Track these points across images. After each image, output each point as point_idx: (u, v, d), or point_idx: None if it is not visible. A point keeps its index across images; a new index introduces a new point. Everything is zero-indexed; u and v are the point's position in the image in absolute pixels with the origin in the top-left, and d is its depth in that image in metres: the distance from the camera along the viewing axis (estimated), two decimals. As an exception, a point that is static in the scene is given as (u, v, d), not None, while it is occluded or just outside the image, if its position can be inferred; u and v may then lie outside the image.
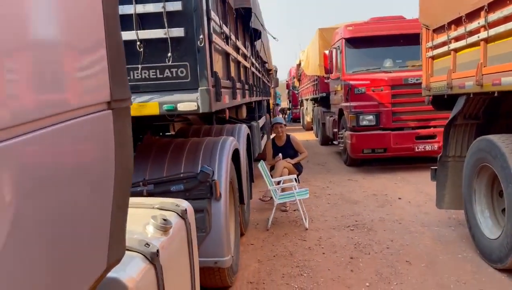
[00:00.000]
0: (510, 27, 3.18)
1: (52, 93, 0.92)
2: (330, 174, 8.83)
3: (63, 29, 0.97)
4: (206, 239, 3.08)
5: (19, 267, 0.75)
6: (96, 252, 1.07)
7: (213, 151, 3.37)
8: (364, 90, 8.94)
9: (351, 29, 9.73)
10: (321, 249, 4.55)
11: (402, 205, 6.11)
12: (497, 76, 3.44)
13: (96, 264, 1.07)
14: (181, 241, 2.13)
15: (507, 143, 3.58)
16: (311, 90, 16.45)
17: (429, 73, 5.11)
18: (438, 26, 4.67)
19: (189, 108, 2.63)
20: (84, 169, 1.02)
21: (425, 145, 8.36)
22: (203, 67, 2.62)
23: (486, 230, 4.01)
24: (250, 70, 6.08)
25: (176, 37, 2.60)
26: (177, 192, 3.07)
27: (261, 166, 5.49)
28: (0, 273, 0.69)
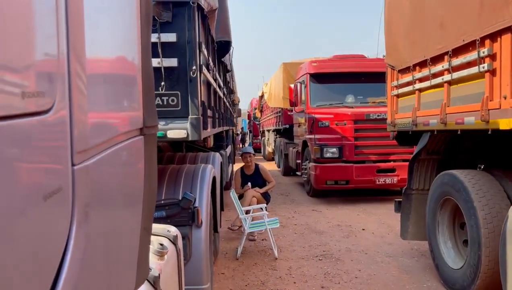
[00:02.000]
0: (472, 72, 3.49)
1: (102, 121, 0.96)
2: (295, 204, 8.96)
3: (111, 59, 1.03)
4: (187, 266, 3.06)
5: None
6: (128, 272, 1.09)
7: (194, 178, 3.40)
8: (328, 124, 9.26)
9: (315, 65, 10.14)
10: (292, 278, 4.60)
11: (366, 236, 6.29)
12: (460, 115, 3.73)
13: (127, 284, 1.09)
14: (173, 266, 2.14)
15: (469, 178, 3.85)
16: (273, 121, 16.76)
17: (394, 110, 5.41)
18: (403, 67, 5.00)
19: (179, 136, 2.68)
20: (122, 191, 1.07)
21: (385, 178, 8.71)
22: (193, 97, 2.69)
23: (449, 260, 4.22)
24: (222, 99, 6.19)
25: (169, 67, 2.67)
26: (159, 218, 3.06)
27: (233, 195, 5.53)
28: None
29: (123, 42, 1.10)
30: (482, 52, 3.33)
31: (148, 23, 1.26)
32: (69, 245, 0.69)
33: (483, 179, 3.79)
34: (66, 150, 0.68)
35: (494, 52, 3.25)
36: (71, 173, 0.70)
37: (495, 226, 3.50)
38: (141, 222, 1.18)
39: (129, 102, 1.11)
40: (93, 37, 0.87)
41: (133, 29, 1.15)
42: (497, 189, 3.70)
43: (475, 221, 3.61)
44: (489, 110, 3.29)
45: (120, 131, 1.03)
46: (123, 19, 1.08)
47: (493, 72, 3.27)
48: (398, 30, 5.19)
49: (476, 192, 3.69)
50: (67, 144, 0.68)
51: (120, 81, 1.06)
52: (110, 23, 0.99)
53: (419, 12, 4.54)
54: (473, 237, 3.66)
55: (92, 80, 0.84)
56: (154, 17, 2.58)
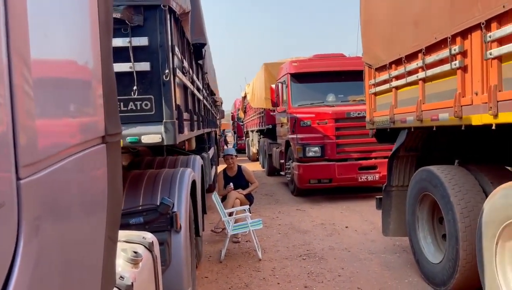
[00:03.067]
0: (445, 69, 3.54)
1: (55, 130, 0.94)
2: (279, 204, 8.98)
3: (68, 65, 1.01)
4: (166, 272, 3.04)
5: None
6: (91, 283, 1.08)
7: (172, 183, 3.37)
8: (310, 123, 9.31)
9: (296, 65, 10.18)
10: (276, 279, 4.61)
11: (350, 234, 6.34)
12: (435, 112, 3.79)
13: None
14: (149, 274, 2.12)
15: (445, 173, 3.91)
16: (257, 122, 16.77)
17: (373, 108, 5.47)
18: (380, 65, 5.05)
19: (153, 140, 2.65)
20: (82, 201, 1.05)
21: (367, 176, 8.79)
22: (168, 101, 2.67)
23: (429, 255, 4.28)
24: (202, 102, 6.17)
25: (141, 71, 2.64)
26: (137, 225, 3.03)
27: (215, 198, 5.52)
28: None
29: (79, 48, 1.08)
30: (453, 49, 3.38)
31: (108, 30, 1.24)
32: (16, 262, 0.67)
33: (459, 174, 3.86)
34: (8, 163, 0.66)
35: (465, 49, 3.30)
36: (16, 188, 0.68)
37: (471, 220, 3.55)
38: (105, 231, 1.16)
39: (88, 110, 1.09)
40: (42, 40, 0.85)
41: (91, 36, 1.13)
42: (472, 184, 3.76)
43: (452, 216, 3.67)
44: (462, 106, 3.34)
45: (78, 140, 1.02)
46: (78, 25, 1.06)
47: (464, 69, 3.32)
48: (374, 28, 5.24)
49: (452, 187, 3.74)
50: (9, 157, 0.66)
51: (76, 88, 1.04)
52: (62, 27, 0.97)
53: (394, 11, 4.59)
54: (451, 232, 3.71)
55: (42, 85, 0.82)
56: (125, 21, 2.56)
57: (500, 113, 2.88)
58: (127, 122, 2.67)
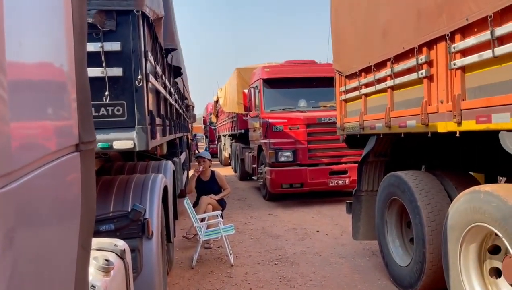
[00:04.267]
0: (412, 78, 3.66)
1: (28, 139, 0.93)
2: (251, 209, 9.00)
3: (40, 71, 1.00)
4: (138, 279, 3.00)
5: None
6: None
7: (143, 189, 3.34)
8: (282, 128, 9.39)
9: (268, 71, 10.26)
10: (248, 284, 4.61)
11: (321, 238, 6.42)
12: (403, 119, 3.91)
13: None
14: (121, 281, 2.09)
15: (413, 178, 4.03)
16: (229, 126, 16.76)
17: (343, 114, 5.58)
18: (350, 73, 5.16)
19: (125, 146, 2.63)
20: (56, 211, 1.04)
21: (338, 180, 8.94)
22: (140, 106, 2.65)
23: (398, 259, 4.39)
24: (174, 106, 6.13)
25: (113, 76, 2.62)
26: (107, 231, 2.98)
27: (186, 203, 5.48)
28: None
29: (54, 53, 1.07)
30: (420, 59, 3.50)
31: (82, 35, 1.23)
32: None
33: (426, 179, 3.98)
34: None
35: (431, 59, 3.43)
36: None
37: (437, 224, 3.68)
38: (79, 240, 1.15)
39: (61, 118, 1.09)
40: (17, 45, 0.84)
41: (65, 41, 1.12)
42: (438, 189, 3.89)
43: (419, 220, 3.78)
44: (428, 114, 3.46)
45: (52, 149, 1.01)
46: (53, 30, 1.06)
47: (430, 78, 3.44)
48: (344, 37, 5.36)
49: (419, 192, 3.86)
50: None
51: (50, 96, 1.03)
52: (36, 32, 0.96)
53: (364, 20, 4.71)
54: (418, 235, 3.83)
55: (15, 91, 0.81)
56: (97, 25, 2.53)
57: (463, 121, 3.00)
58: (98, 127, 2.62)
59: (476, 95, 2.92)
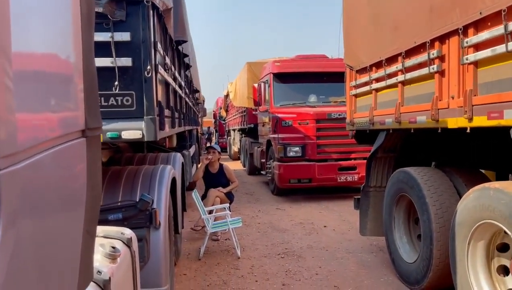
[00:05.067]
0: (423, 73, 3.62)
1: (34, 122, 0.94)
2: (259, 203, 9.01)
3: (48, 58, 1.01)
4: (145, 268, 3.03)
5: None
6: (68, 277, 1.08)
7: (152, 180, 3.36)
8: (291, 123, 9.37)
9: (278, 65, 10.22)
10: (254, 277, 4.63)
11: (328, 233, 6.41)
12: (413, 115, 3.87)
13: (67, 288, 1.07)
14: (127, 269, 2.11)
15: (422, 175, 3.99)
16: (239, 120, 16.76)
17: (353, 109, 5.54)
18: (361, 67, 5.13)
19: (134, 136, 2.64)
20: (60, 195, 1.05)
21: (347, 176, 8.90)
22: (149, 97, 2.66)
23: (405, 255, 4.37)
24: (184, 99, 6.15)
25: (123, 67, 2.63)
26: (115, 221, 3.01)
27: (195, 195, 5.51)
28: None
29: (61, 41, 1.08)
30: (432, 53, 3.46)
31: (90, 23, 1.24)
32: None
33: (435, 176, 3.95)
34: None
35: (443, 54, 3.39)
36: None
37: (445, 221, 3.65)
38: (84, 225, 1.16)
39: (68, 103, 1.09)
40: (23, 33, 0.85)
41: (72, 28, 1.13)
42: (447, 185, 3.86)
43: (427, 216, 3.76)
44: (439, 109, 3.43)
45: (57, 134, 1.01)
46: (60, 18, 1.06)
47: (442, 73, 3.40)
48: (355, 31, 5.31)
49: (428, 189, 3.83)
50: None
51: (57, 82, 1.04)
52: (43, 20, 0.97)
53: (375, 15, 4.67)
54: (426, 232, 3.80)
55: (22, 77, 0.82)
56: (107, 15, 2.54)
57: (474, 117, 2.97)
58: (107, 117, 2.65)
59: (488, 90, 2.88)
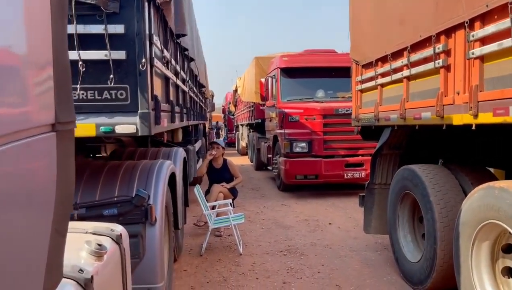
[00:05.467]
0: (429, 68, 3.51)
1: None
2: (264, 199, 8.96)
3: (10, 47, 0.96)
4: (140, 265, 2.99)
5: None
6: (32, 277, 1.03)
7: (149, 175, 3.32)
8: (298, 118, 9.28)
9: (286, 60, 10.12)
10: (255, 274, 4.58)
11: (333, 230, 6.34)
12: (418, 111, 3.77)
13: (31, 289, 1.02)
14: (115, 267, 2.07)
15: (426, 172, 3.90)
16: (247, 115, 16.70)
17: (358, 105, 5.44)
18: (366, 62, 5.02)
19: (128, 131, 2.60)
20: (24, 191, 0.99)
21: (354, 173, 8.79)
22: (143, 90, 2.61)
23: (408, 254, 4.28)
24: (188, 94, 6.10)
25: (117, 60, 2.58)
26: (110, 216, 2.97)
27: (197, 191, 5.46)
28: None
29: (26, 30, 1.02)
30: (437, 48, 3.36)
31: (62, 13, 1.18)
32: None
33: (440, 174, 3.85)
34: None
35: (449, 48, 3.28)
36: None
37: (450, 220, 3.55)
38: (52, 223, 1.11)
39: (33, 96, 1.04)
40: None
41: (40, 17, 1.07)
42: (453, 184, 3.76)
43: (431, 215, 3.66)
44: (444, 105, 3.32)
45: (22, 127, 0.96)
46: (25, 7, 1.01)
47: (447, 68, 3.30)
48: (362, 25, 5.21)
49: (432, 187, 3.74)
50: None
51: (21, 74, 0.99)
52: (5, 8, 0.91)
53: (381, 8, 4.56)
54: (430, 231, 3.71)
55: None
56: (100, 7, 2.49)
57: (480, 113, 2.87)
58: (101, 111, 2.61)
59: (494, 86, 2.77)
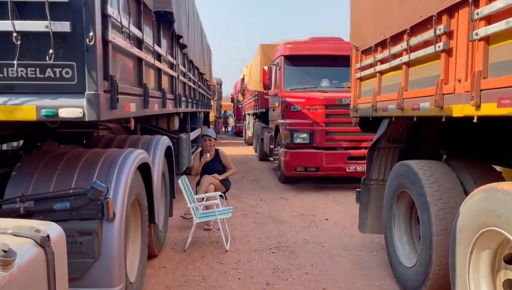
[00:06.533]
0: (429, 52, 3.12)
1: None
2: (263, 191, 8.63)
3: None
4: (94, 265, 2.69)
5: None
6: None
7: (112, 165, 3.00)
8: (300, 108, 8.89)
9: (290, 47, 9.71)
10: (238, 273, 4.27)
11: (328, 227, 5.99)
12: (416, 100, 3.38)
13: None
14: (33, 276, 1.74)
15: (424, 169, 3.52)
16: (252, 104, 16.34)
17: (357, 94, 5.06)
18: (366, 47, 4.62)
19: (73, 115, 2.27)
20: None
21: (356, 166, 8.39)
22: (91, 68, 2.27)
23: (403, 257, 3.93)
24: (178, 79, 5.75)
25: (60, 32, 2.24)
26: (62, 211, 2.67)
27: (182, 182, 5.14)
28: None
29: None
30: (438, 29, 2.96)
31: None
32: None
33: (440, 171, 3.47)
34: None
35: (451, 29, 2.88)
36: None
37: (448, 223, 3.19)
38: None
39: None
40: None
41: None
42: (453, 183, 3.38)
43: (428, 217, 3.30)
44: (444, 94, 2.93)
45: None
46: None
47: (449, 51, 2.90)
48: (362, 7, 4.79)
49: (430, 185, 3.36)
50: None
51: None
52: None
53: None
54: (425, 235, 3.35)
55: None
56: (40, -29, 2.16)
57: (483, 104, 2.48)
58: (43, 92, 2.28)
59: (500, 72, 2.38)
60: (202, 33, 10.60)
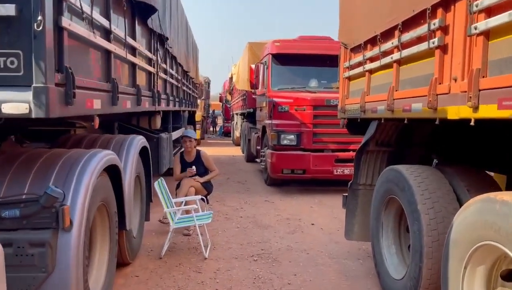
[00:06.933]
0: (422, 48, 2.88)
1: None
2: (248, 194, 8.36)
3: None
4: (47, 280, 2.39)
5: None
6: None
7: (72, 168, 2.70)
8: (287, 109, 8.64)
9: (278, 45, 9.46)
10: (216, 284, 3.99)
11: (314, 232, 5.74)
12: (408, 101, 3.14)
13: None
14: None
15: (415, 175, 3.28)
16: (240, 104, 16.05)
17: (345, 94, 4.82)
18: (355, 45, 4.38)
19: (17, 111, 1.98)
20: None
21: (344, 169, 8.16)
22: (40, 58, 1.98)
23: (391, 268, 3.69)
24: (158, 75, 5.46)
25: (4, 16, 1.95)
26: (11, 219, 2.37)
27: (158, 185, 4.84)
28: None
29: None
30: (433, 23, 2.72)
31: None
32: None
33: (431, 178, 3.23)
34: None
35: (447, 23, 2.64)
36: None
37: (439, 234, 2.95)
38: None
39: None
40: None
41: None
42: (445, 190, 3.14)
43: (418, 227, 3.05)
44: (438, 95, 2.69)
45: None
46: None
47: (444, 48, 2.66)
48: (351, 3, 4.55)
49: (421, 193, 3.12)
50: None
51: None
52: None
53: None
54: (415, 245, 3.11)
55: None
56: None
57: (481, 105, 2.24)
58: (-16, 84, 1.99)
59: (501, 70, 2.14)
60: (188, 29, 10.30)
